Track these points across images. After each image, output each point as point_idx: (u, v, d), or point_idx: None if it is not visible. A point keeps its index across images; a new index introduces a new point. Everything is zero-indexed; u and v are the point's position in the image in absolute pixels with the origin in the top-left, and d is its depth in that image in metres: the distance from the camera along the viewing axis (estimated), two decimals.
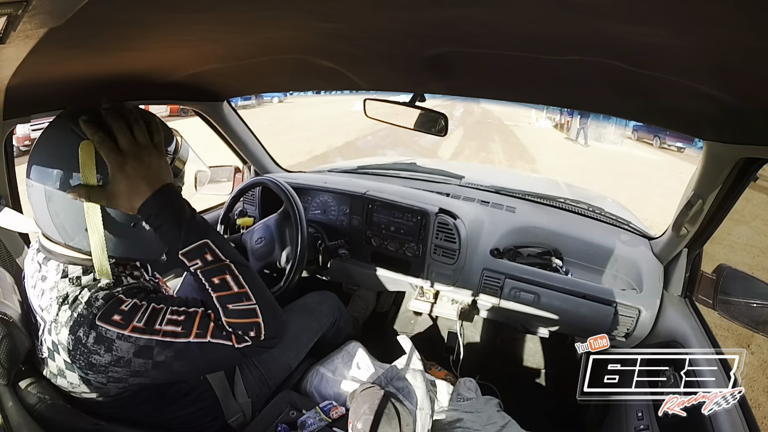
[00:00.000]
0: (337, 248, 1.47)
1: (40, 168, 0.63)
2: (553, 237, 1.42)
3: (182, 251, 0.65)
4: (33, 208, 0.67)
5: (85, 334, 0.62)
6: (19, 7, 0.31)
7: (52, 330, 0.64)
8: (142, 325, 0.62)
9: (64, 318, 0.63)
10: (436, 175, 1.82)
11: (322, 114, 15.13)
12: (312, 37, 0.66)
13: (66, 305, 0.64)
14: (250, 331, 0.65)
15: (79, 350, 0.62)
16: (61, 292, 0.65)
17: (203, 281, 0.66)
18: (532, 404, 1.61)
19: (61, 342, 0.63)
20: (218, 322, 0.65)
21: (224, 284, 0.65)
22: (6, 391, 0.63)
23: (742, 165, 0.87)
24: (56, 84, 0.72)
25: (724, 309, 0.99)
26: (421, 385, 1.14)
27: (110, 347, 0.62)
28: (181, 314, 0.65)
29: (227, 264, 0.66)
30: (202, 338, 0.64)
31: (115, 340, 0.61)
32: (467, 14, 0.49)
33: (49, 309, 0.65)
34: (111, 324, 0.62)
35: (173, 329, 0.63)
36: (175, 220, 0.65)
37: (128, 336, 0.62)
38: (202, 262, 0.65)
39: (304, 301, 1.40)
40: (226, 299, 0.65)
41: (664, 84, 0.62)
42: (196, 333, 0.64)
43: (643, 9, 0.39)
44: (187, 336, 0.64)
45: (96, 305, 0.63)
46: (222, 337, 0.65)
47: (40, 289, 0.68)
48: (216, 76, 1.04)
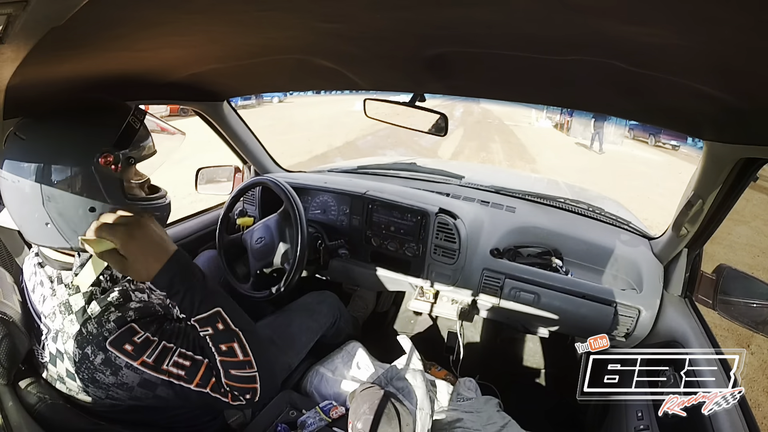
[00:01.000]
0: (337, 248, 1.47)
1: (34, 166, 0.62)
2: (553, 237, 1.42)
3: (195, 318, 0.68)
4: (20, 212, 0.65)
5: (93, 353, 0.63)
6: (19, 7, 0.31)
7: (58, 339, 0.65)
8: (152, 362, 0.64)
9: (72, 330, 0.64)
10: (436, 175, 1.82)
11: (322, 114, 15.12)
12: (312, 37, 0.66)
13: (72, 315, 0.64)
14: (246, 394, 0.69)
15: (84, 365, 0.63)
16: (62, 299, 0.66)
17: (211, 346, 0.68)
18: (532, 404, 1.61)
19: (67, 352, 0.64)
20: (218, 379, 0.68)
21: (231, 351, 0.68)
22: (6, 391, 0.63)
23: (742, 165, 0.87)
24: (56, 84, 0.72)
25: (724, 309, 0.99)
26: (421, 385, 1.14)
27: (116, 372, 0.63)
28: (188, 359, 0.67)
29: (236, 332, 0.69)
30: (202, 388, 0.67)
31: (123, 368, 0.63)
32: (467, 14, 0.49)
33: (52, 317, 0.66)
34: (121, 352, 0.63)
35: (178, 372, 0.66)
36: (188, 289, 0.67)
37: (136, 368, 0.64)
38: (213, 330, 0.68)
39: (304, 301, 1.40)
40: (230, 365, 0.68)
41: (664, 84, 0.62)
42: (197, 383, 0.67)
43: (643, 9, 0.39)
44: (189, 383, 0.66)
45: (107, 327, 0.64)
46: (220, 393, 0.68)
47: (41, 295, 0.69)
48: (216, 76, 1.04)
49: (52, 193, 0.63)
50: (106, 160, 0.65)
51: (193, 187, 1.66)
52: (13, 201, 0.65)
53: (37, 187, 0.62)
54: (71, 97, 0.73)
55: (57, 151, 0.63)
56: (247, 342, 0.69)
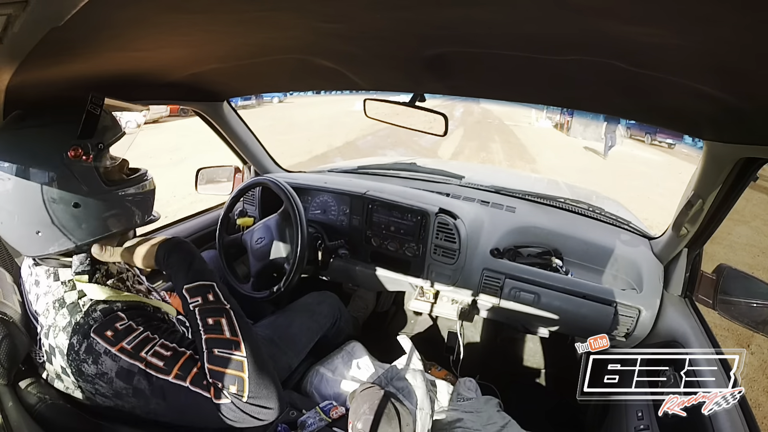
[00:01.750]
0: (337, 248, 1.47)
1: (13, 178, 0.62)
2: (553, 237, 1.42)
3: (187, 286, 0.67)
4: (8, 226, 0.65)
5: (78, 342, 0.62)
6: (19, 8, 0.31)
7: (50, 333, 0.65)
8: (130, 348, 0.62)
9: (62, 323, 0.64)
10: (436, 175, 1.82)
11: (323, 114, 15.13)
12: (312, 37, 0.66)
13: (64, 309, 0.64)
14: (231, 385, 0.62)
15: (71, 356, 0.63)
16: (57, 296, 0.66)
17: (198, 320, 0.66)
18: (532, 404, 1.61)
19: (58, 346, 0.64)
20: (201, 369, 0.63)
21: (218, 327, 0.65)
22: (6, 391, 0.63)
23: (742, 165, 0.87)
24: (56, 84, 0.72)
25: (724, 309, 0.99)
26: (421, 385, 1.14)
27: (96, 360, 0.62)
28: (169, 350, 0.64)
29: (227, 309, 0.67)
30: (181, 380, 0.62)
31: (102, 355, 0.62)
32: (467, 14, 0.49)
33: (46, 314, 0.66)
34: (102, 338, 0.62)
35: (156, 362, 0.62)
36: (185, 259, 0.70)
37: (114, 354, 0.62)
38: (202, 300, 0.67)
39: (304, 302, 1.40)
40: (214, 342, 0.64)
41: (664, 84, 0.62)
42: (176, 374, 0.62)
43: (643, 9, 0.39)
44: (167, 374, 0.62)
45: (93, 316, 0.64)
46: (201, 387, 0.62)
47: (35, 294, 0.69)
48: (216, 76, 1.04)
49: (36, 200, 0.63)
50: (76, 152, 0.65)
51: (194, 188, 1.66)
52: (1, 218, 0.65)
53: (18, 197, 0.63)
54: (71, 97, 0.73)
55: (29, 157, 0.63)
56: (237, 322, 0.65)
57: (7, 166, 0.63)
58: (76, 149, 0.65)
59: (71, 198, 0.65)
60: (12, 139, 0.65)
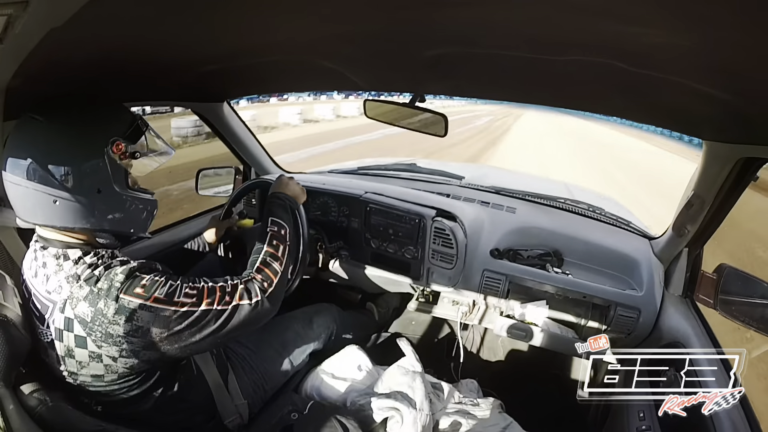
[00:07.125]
0: (338, 249, 1.46)
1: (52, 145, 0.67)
2: (553, 237, 1.42)
3: (272, 218, 0.94)
4: (28, 191, 0.67)
5: (106, 306, 0.66)
6: (20, 8, 0.31)
7: (66, 306, 0.67)
8: (164, 297, 0.69)
9: (81, 293, 0.66)
10: (436, 176, 1.82)
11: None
12: (312, 37, 0.66)
13: (81, 282, 0.67)
14: (265, 282, 0.82)
15: (98, 321, 0.66)
16: (70, 273, 0.68)
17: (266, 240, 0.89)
18: (533, 405, 1.60)
19: (78, 315, 0.66)
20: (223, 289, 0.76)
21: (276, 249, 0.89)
22: (7, 394, 0.62)
23: (742, 165, 0.87)
24: (56, 85, 0.72)
25: (724, 309, 0.99)
26: (420, 386, 1.13)
27: (131, 318, 0.66)
28: (193, 288, 0.73)
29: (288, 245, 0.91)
30: (210, 306, 0.73)
31: (137, 310, 0.67)
32: (467, 14, 0.49)
33: (59, 290, 0.68)
34: (133, 296, 0.67)
35: (188, 300, 0.71)
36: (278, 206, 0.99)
37: (150, 306, 0.67)
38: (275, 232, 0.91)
39: (303, 311, 1.40)
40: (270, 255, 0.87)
41: (664, 84, 0.62)
42: (207, 302, 0.72)
43: (642, 9, 0.40)
44: (198, 305, 0.71)
45: (117, 279, 0.68)
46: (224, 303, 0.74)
47: (44, 275, 0.70)
48: (216, 77, 1.04)
49: (65, 172, 0.67)
50: (118, 148, 0.72)
51: None
52: (22, 180, 0.66)
53: (52, 165, 0.66)
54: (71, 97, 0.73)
55: (77, 133, 0.69)
56: (288, 253, 0.90)
57: (57, 129, 0.68)
58: (119, 145, 0.73)
59: (97, 183, 0.70)
60: (73, 110, 0.71)
